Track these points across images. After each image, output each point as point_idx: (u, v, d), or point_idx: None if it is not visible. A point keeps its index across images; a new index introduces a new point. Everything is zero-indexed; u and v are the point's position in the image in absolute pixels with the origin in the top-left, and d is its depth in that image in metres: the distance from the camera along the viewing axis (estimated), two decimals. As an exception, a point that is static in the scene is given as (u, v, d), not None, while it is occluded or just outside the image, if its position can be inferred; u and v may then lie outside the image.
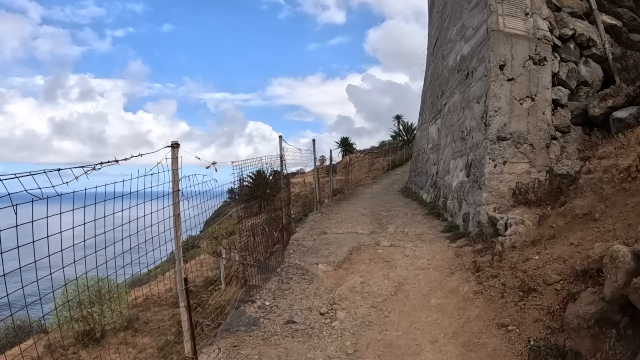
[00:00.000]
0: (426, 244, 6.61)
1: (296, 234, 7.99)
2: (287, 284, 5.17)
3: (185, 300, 3.16)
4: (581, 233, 4.76)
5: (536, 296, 3.85)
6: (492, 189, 6.21)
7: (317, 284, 5.09)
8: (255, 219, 6.44)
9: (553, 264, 4.23)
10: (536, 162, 6.39)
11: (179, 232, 3.07)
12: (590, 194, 5.21)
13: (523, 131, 6.42)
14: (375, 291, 4.74)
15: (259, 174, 13.06)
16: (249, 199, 6.29)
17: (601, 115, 6.44)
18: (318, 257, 6.07)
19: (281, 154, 6.71)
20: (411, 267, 5.41)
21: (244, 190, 4.56)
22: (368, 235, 7.71)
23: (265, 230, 6.50)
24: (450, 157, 9.09)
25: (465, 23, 8.61)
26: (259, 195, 6.30)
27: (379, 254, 6.21)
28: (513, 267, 4.54)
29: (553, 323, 3.48)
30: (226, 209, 22.32)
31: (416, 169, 15.30)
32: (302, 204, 15.39)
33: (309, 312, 4.37)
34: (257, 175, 13.93)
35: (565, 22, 7.43)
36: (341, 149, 33.40)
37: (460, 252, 5.74)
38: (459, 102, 8.55)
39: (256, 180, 13.88)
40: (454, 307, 4.18)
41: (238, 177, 4.40)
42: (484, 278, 4.57)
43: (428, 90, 14.35)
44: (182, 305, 3.17)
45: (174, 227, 3.06)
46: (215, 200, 4.02)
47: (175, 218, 3.05)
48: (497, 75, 6.52)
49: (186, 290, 3.17)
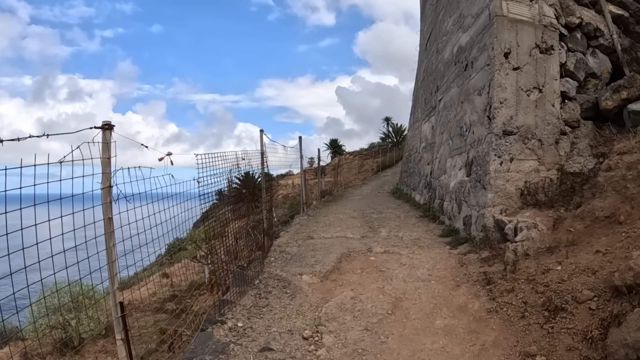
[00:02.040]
0: (424, 250, 5.92)
1: (280, 239, 7.22)
2: (266, 299, 4.40)
3: (122, 332, 2.38)
4: (606, 239, 4.11)
5: (566, 317, 3.16)
6: (498, 188, 5.54)
7: (300, 300, 4.34)
8: (234, 222, 5.68)
9: (581, 277, 3.56)
10: (545, 159, 5.75)
11: (111, 242, 2.29)
12: (612, 194, 4.58)
13: (531, 125, 5.78)
14: (368, 309, 4.01)
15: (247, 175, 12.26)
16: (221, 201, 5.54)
17: (614, 108, 5.86)
18: (302, 267, 5.32)
19: (262, 150, 5.95)
20: (409, 279, 4.70)
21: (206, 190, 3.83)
22: (359, 240, 6.99)
23: (242, 236, 5.74)
24: (446, 155, 8.44)
25: (463, 12, 7.99)
26: (236, 196, 5.54)
27: (372, 262, 5.48)
28: (531, 279, 3.86)
29: (592, 352, 2.80)
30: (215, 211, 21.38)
31: (408, 169, 14.67)
32: (290, 206, 14.64)
33: (289, 336, 3.61)
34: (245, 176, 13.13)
35: (571, 10, 6.85)
36: (330, 150, 32.75)
37: (465, 261, 5.05)
38: (457, 96, 7.91)
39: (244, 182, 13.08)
40: (465, 329, 3.47)
41: (202, 173, 3.63)
42: (497, 293, 3.88)
43: (420, 87, 13.75)
44: (119, 338, 2.39)
45: (105, 235, 2.29)
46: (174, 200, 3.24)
47: (106, 223, 2.28)
48: (502, 64, 5.89)
49: (123, 319, 2.39)
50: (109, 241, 2.32)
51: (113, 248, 2.33)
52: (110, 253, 2.33)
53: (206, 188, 3.75)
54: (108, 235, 2.31)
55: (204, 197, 3.71)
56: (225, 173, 4.21)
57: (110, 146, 2.26)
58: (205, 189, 3.71)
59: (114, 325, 2.41)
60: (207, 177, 3.72)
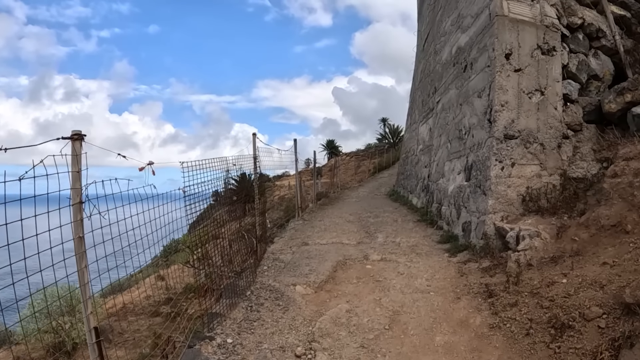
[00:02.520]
0: (422, 258, 5.73)
1: (274, 245, 7.02)
2: (257, 312, 4.20)
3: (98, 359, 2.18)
4: (613, 250, 3.93)
5: (573, 335, 2.98)
6: (499, 194, 5.36)
7: (293, 313, 4.14)
8: (228, 225, 5.47)
9: (588, 291, 3.38)
10: (547, 164, 5.58)
11: (83, 263, 2.09)
12: (619, 202, 4.41)
13: (533, 129, 5.60)
14: (364, 323, 3.81)
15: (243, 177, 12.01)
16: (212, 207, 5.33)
17: (618, 111, 5.68)
18: (296, 276, 5.12)
19: (255, 154, 5.75)
20: (407, 290, 4.51)
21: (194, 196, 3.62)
22: (355, 246, 6.80)
23: (236, 240, 5.53)
24: (444, 158, 8.26)
25: (462, 12, 7.81)
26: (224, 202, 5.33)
27: (368, 271, 5.29)
28: (535, 292, 3.68)
29: (603, 377, 2.62)
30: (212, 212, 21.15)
31: (405, 171, 14.49)
32: (286, 208, 14.42)
33: (281, 354, 3.41)
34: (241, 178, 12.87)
35: (573, 10, 6.68)
36: (327, 151, 32.55)
37: (465, 270, 4.86)
38: (455, 98, 7.73)
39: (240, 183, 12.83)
40: (466, 347, 3.28)
41: (189, 181, 3.42)
42: (500, 307, 3.69)
43: (418, 88, 13.57)
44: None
45: (76, 256, 2.08)
46: (157, 213, 3.03)
47: (77, 243, 2.07)
48: (503, 65, 5.70)
49: (98, 345, 2.18)
50: (80, 262, 2.11)
51: (85, 270, 2.12)
52: (82, 275, 2.13)
53: (194, 198, 3.53)
54: (79, 256, 2.10)
55: (191, 208, 3.49)
56: (215, 181, 3.99)
57: (80, 158, 2.05)
58: (192, 198, 3.50)
59: (89, 352, 2.20)
60: (194, 185, 3.51)
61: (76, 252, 2.09)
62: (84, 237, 2.10)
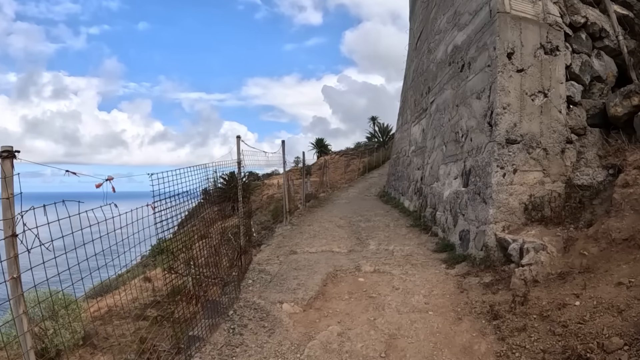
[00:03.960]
0: (418, 269, 5.39)
1: (260, 254, 6.62)
2: (240, 336, 3.80)
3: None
4: (628, 267, 3.63)
5: (594, 371, 2.66)
6: (500, 203, 5.04)
7: (280, 336, 3.75)
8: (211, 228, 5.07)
9: (605, 317, 3.07)
10: (550, 170, 5.28)
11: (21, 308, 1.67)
12: (631, 213, 4.11)
13: (536, 133, 5.29)
14: (358, 350, 3.45)
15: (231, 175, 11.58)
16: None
17: (624, 115, 5.40)
18: (283, 292, 4.73)
19: (239, 159, 5.33)
20: (404, 308, 4.16)
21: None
22: (346, 255, 6.44)
23: (217, 251, 5.13)
24: (439, 161, 7.94)
25: (459, 9, 7.47)
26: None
27: (361, 285, 4.93)
28: (545, 315, 3.36)
29: None
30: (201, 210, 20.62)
31: (396, 172, 14.18)
32: (274, 209, 13.99)
33: (265, 389, 3.03)
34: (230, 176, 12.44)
35: (576, 9, 6.39)
36: (316, 150, 32.18)
37: (465, 285, 4.53)
38: (452, 99, 7.40)
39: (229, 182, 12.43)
40: (473, 381, 2.94)
41: (158, 194, 3.00)
42: (507, 331, 3.36)
43: (410, 88, 13.23)
44: None
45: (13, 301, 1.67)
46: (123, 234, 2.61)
47: (12, 285, 1.65)
48: (505, 65, 5.38)
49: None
50: (18, 307, 1.69)
51: (24, 316, 1.71)
52: (21, 323, 1.71)
53: (165, 214, 3.12)
54: (16, 299, 1.68)
55: (161, 225, 3.08)
56: (192, 193, 3.58)
57: (11, 180, 1.63)
58: (163, 215, 3.08)
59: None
60: (165, 200, 3.09)
61: (11, 296, 1.67)
62: (20, 278, 1.69)
